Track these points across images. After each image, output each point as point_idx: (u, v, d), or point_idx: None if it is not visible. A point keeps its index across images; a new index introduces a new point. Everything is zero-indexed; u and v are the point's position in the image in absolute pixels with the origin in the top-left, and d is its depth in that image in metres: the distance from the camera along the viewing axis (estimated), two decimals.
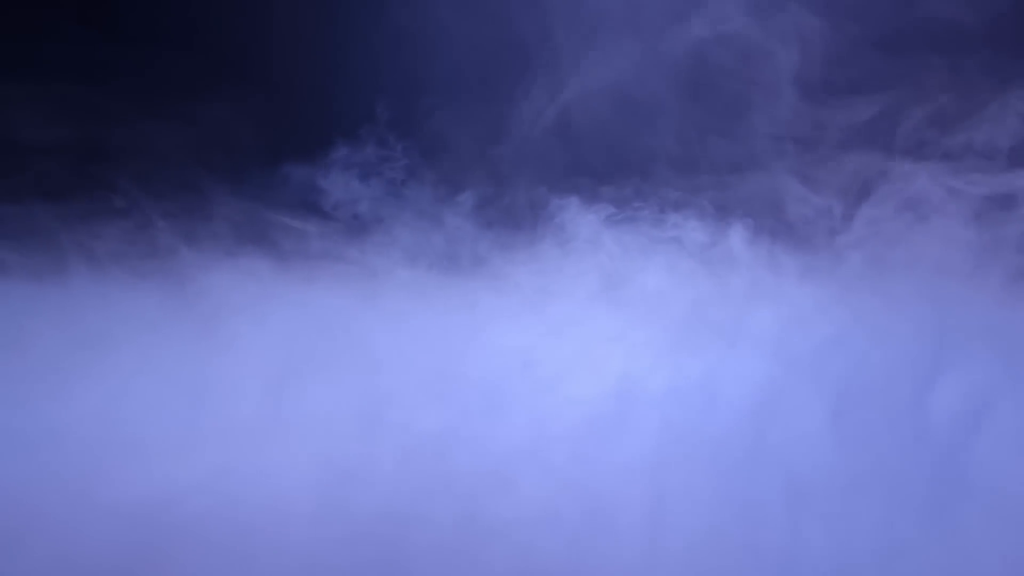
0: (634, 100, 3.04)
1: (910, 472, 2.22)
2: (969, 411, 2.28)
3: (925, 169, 2.72)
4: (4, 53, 2.96)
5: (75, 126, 2.92)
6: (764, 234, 2.73)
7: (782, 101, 2.95)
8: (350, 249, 2.77)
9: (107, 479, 2.13)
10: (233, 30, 3.10)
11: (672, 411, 2.39)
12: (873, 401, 2.36)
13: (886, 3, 3.00)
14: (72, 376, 2.38)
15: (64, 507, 2.08)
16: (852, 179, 2.81)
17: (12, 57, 2.97)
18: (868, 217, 2.72)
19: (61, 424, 2.26)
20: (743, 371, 2.46)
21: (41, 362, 2.44)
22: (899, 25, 2.95)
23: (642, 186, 2.84)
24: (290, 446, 2.29)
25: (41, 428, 2.25)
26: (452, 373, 2.47)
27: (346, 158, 2.88)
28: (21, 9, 3.08)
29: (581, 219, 2.77)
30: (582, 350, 2.53)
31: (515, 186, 2.90)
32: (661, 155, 2.94)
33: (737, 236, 2.72)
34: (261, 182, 2.87)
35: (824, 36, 2.95)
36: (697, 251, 2.72)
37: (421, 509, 2.19)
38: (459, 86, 3.06)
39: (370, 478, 2.23)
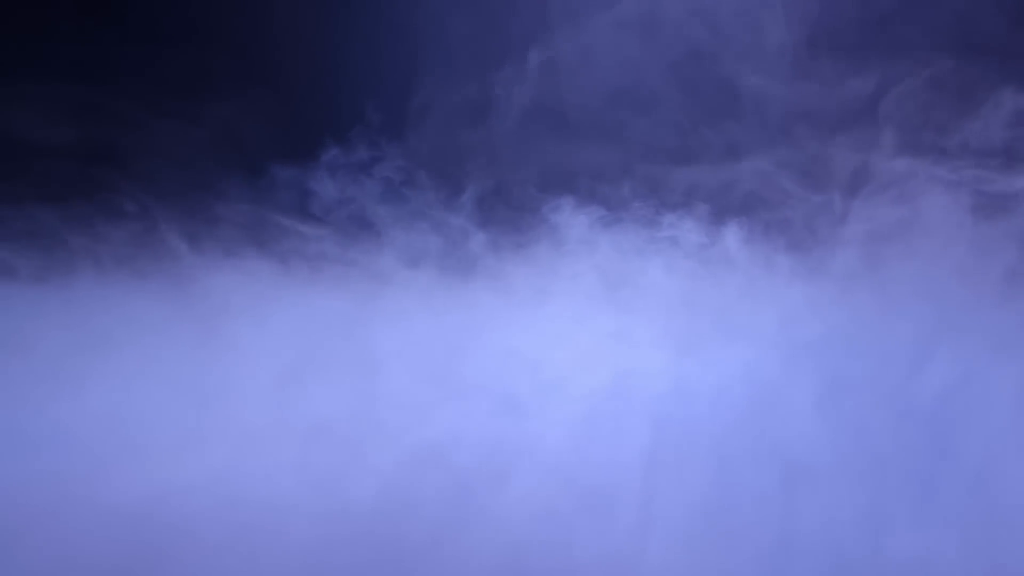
0: (628, 95, 3.04)
1: (898, 455, 2.27)
2: (957, 399, 2.32)
3: (920, 165, 2.73)
4: (5, 53, 2.97)
5: (79, 126, 2.93)
6: (758, 231, 2.74)
7: (776, 97, 2.96)
8: (351, 251, 2.79)
9: (110, 479, 2.15)
10: (239, 30, 3.10)
11: (667, 405, 2.42)
12: (864, 391, 2.40)
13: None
14: (77, 377, 2.40)
15: (68, 506, 2.09)
16: (848, 175, 2.81)
17: (15, 57, 2.98)
18: (862, 213, 2.72)
19: (65, 425, 2.28)
20: (738, 366, 2.49)
21: (46, 363, 2.46)
22: (896, 24, 2.94)
23: (638, 186, 2.85)
24: (292, 446, 2.32)
25: (45, 429, 2.27)
26: (451, 373, 2.49)
27: (345, 161, 2.90)
28: (22, 9, 3.08)
29: (577, 220, 2.79)
30: (579, 347, 2.56)
31: (513, 188, 2.91)
32: (655, 151, 2.95)
33: (732, 235, 2.73)
34: (263, 184, 2.88)
35: (818, 34, 2.96)
36: (693, 249, 2.73)
37: (420, 506, 2.22)
38: (454, 87, 3.05)
39: (370, 477, 2.25)
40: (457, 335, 2.57)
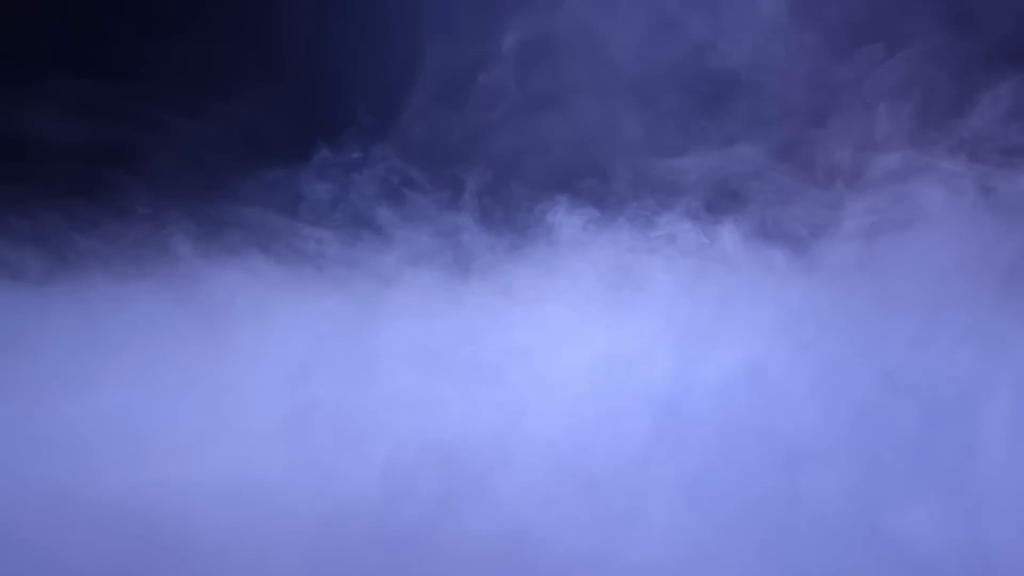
0: (623, 93, 3.04)
1: (891, 437, 2.32)
2: (952, 390, 2.36)
3: (919, 157, 2.73)
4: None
5: (86, 124, 2.93)
6: (755, 226, 2.76)
7: (773, 89, 2.96)
8: (353, 252, 2.82)
9: (118, 478, 2.19)
10: (243, 25, 3.10)
11: (665, 396, 2.46)
12: (861, 382, 2.44)
13: None
14: (84, 378, 2.43)
15: (75, 505, 2.13)
16: (846, 169, 2.82)
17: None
18: (860, 206, 2.73)
19: (72, 425, 2.32)
20: (736, 360, 2.52)
21: (55, 364, 2.49)
22: (895, 11, 2.93)
23: (633, 181, 2.87)
24: (297, 444, 2.36)
25: (52, 429, 2.31)
26: (452, 370, 2.53)
27: (346, 162, 2.92)
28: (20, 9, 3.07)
29: (574, 218, 2.81)
30: (578, 342, 2.59)
31: (513, 187, 2.92)
32: (650, 145, 2.96)
33: (729, 230, 2.76)
34: (268, 185, 2.90)
35: (812, 33, 2.95)
36: (690, 245, 2.76)
37: (425, 502, 2.26)
38: (451, 88, 3.06)
39: (372, 471, 2.29)
40: (458, 333, 2.61)
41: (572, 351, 2.56)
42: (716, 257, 2.72)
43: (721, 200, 2.83)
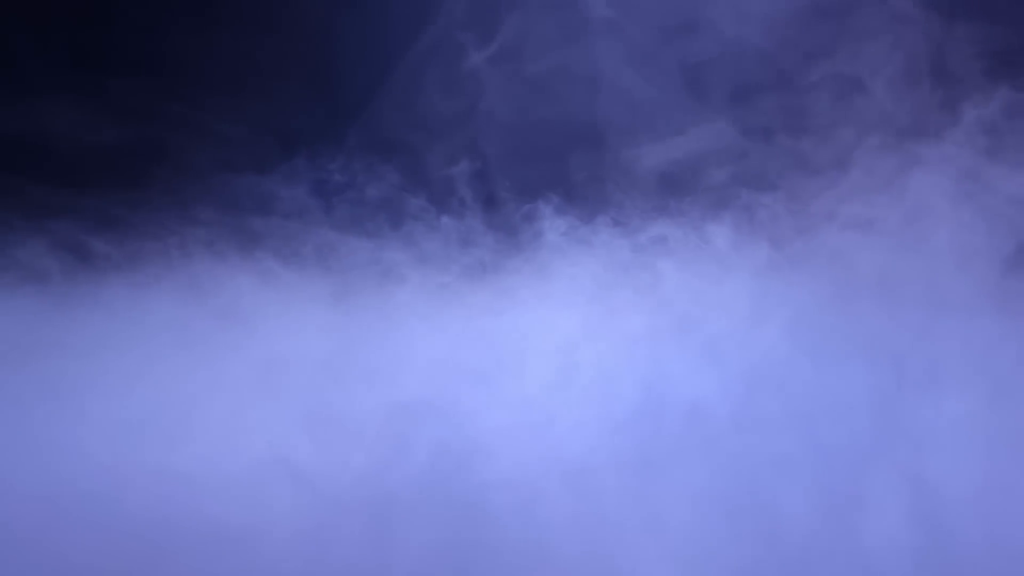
0: (617, 95, 3.06)
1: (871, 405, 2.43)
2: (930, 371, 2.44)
3: (907, 150, 2.74)
4: None
5: (101, 125, 2.98)
6: (743, 226, 2.78)
7: (761, 87, 2.97)
8: (359, 254, 2.88)
9: (131, 476, 2.28)
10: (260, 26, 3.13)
11: (657, 391, 2.53)
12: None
13: None
14: (96, 379, 2.51)
15: (88, 502, 2.22)
16: (837, 162, 2.82)
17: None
18: (850, 199, 2.75)
19: (83, 425, 2.39)
20: (729, 354, 2.58)
21: (76, 365, 2.57)
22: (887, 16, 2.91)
23: (626, 181, 2.89)
24: (304, 442, 2.44)
25: (63, 429, 2.38)
26: (452, 368, 2.59)
27: (345, 166, 2.97)
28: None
29: (565, 220, 2.86)
30: (571, 340, 2.65)
31: (509, 189, 2.96)
32: (640, 143, 2.97)
33: (721, 226, 2.78)
34: (274, 189, 2.96)
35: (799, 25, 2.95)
36: (683, 243, 2.78)
37: (434, 501, 2.35)
38: (442, 91, 3.09)
39: (370, 466, 2.38)
40: (458, 333, 2.66)
41: (567, 349, 2.61)
42: (708, 255, 2.75)
43: (713, 195, 2.84)
